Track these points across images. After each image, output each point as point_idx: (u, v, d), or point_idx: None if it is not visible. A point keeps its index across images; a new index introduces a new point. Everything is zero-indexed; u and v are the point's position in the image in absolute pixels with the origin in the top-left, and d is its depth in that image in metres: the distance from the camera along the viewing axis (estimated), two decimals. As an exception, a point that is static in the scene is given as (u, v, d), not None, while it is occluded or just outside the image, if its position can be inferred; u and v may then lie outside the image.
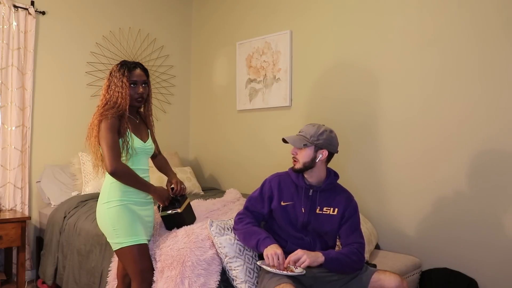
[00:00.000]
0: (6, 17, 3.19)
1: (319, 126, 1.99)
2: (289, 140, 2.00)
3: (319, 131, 1.96)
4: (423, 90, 2.70)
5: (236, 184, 3.76)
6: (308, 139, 1.96)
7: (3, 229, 2.83)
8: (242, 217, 2.04)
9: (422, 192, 2.70)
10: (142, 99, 2.04)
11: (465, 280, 2.44)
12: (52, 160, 3.46)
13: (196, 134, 4.41)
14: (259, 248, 1.89)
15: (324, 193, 2.01)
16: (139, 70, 2.03)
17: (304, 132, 1.99)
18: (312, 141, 1.95)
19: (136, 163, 2.02)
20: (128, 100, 1.97)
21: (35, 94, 3.39)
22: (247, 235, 1.95)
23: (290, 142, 1.99)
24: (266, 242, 1.88)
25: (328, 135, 1.97)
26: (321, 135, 1.95)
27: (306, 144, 1.95)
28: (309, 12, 3.34)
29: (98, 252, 2.44)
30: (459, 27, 2.55)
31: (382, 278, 1.84)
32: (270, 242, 1.88)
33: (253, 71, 3.73)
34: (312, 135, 1.95)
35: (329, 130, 2.00)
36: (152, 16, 4.15)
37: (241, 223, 2.00)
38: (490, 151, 2.43)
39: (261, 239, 1.89)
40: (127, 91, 1.96)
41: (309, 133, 1.97)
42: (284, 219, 2.00)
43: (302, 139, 1.97)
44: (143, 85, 2.03)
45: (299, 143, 1.97)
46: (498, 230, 2.40)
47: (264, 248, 1.86)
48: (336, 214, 1.99)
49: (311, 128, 1.98)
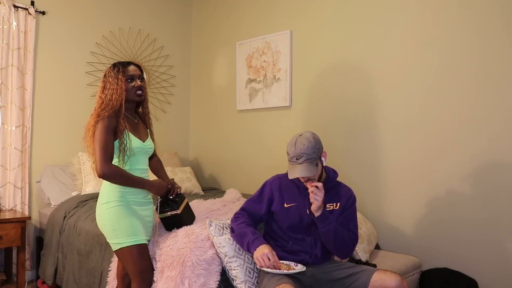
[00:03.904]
0: (6, 17, 3.19)
1: (308, 139, 1.91)
2: (301, 174, 1.87)
3: (313, 143, 1.90)
4: (423, 90, 2.70)
5: (236, 184, 3.76)
6: (314, 158, 1.89)
7: (3, 229, 2.83)
8: (238, 216, 2.05)
9: (422, 192, 2.70)
10: (142, 92, 2.04)
11: (465, 280, 2.44)
12: (52, 160, 3.46)
13: (196, 134, 4.41)
14: (250, 251, 1.90)
15: (326, 191, 2.00)
16: (134, 66, 2.05)
17: (305, 155, 1.88)
18: (316, 156, 1.91)
19: (135, 163, 2.02)
20: (124, 95, 1.96)
21: (35, 94, 3.40)
22: (239, 239, 1.96)
23: (306, 175, 1.87)
24: (255, 244, 1.88)
25: (318, 139, 1.95)
26: (316, 144, 1.92)
27: (317, 164, 1.91)
28: (309, 12, 3.34)
29: (98, 252, 2.44)
30: (459, 27, 2.55)
31: (383, 277, 1.83)
32: (258, 243, 1.88)
33: (253, 71, 3.73)
34: (313, 151, 1.89)
35: (313, 134, 1.96)
36: (152, 16, 4.16)
37: (235, 222, 2.01)
38: (490, 151, 2.43)
39: (250, 242, 1.90)
40: (123, 87, 1.96)
41: (310, 153, 1.88)
42: (287, 221, 1.99)
43: (311, 163, 1.88)
44: (140, 79, 2.03)
45: (313, 169, 1.88)
46: (498, 230, 2.40)
47: (254, 251, 1.87)
48: (338, 208, 2.01)
49: (306, 147, 1.88)
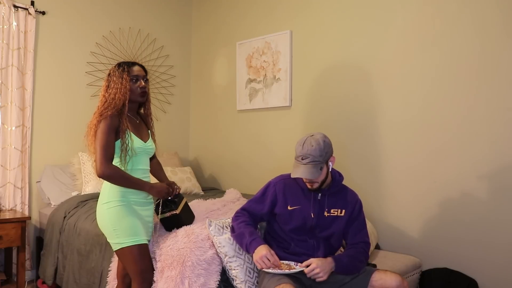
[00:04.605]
0: (6, 17, 3.19)
1: (317, 141, 1.86)
2: (303, 175, 1.83)
3: (322, 146, 1.85)
4: (424, 90, 2.70)
5: (236, 184, 3.76)
6: (320, 161, 1.84)
7: (3, 229, 2.83)
8: (238, 215, 2.04)
9: (422, 192, 2.70)
10: (145, 93, 2.05)
11: (465, 280, 2.44)
12: (52, 160, 3.46)
13: (196, 134, 4.41)
14: (249, 253, 1.90)
15: (332, 195, 1.99)
16: (138, 67, 2.06)
17: (310, 156, 1.83)
18: (323, 159, 1.85)
19: (136, 163, 2.02)
20: (128, 95, 1.97)
21: (35, 94, 3.39)
22: (238, 239, 1.95)
23: (307, 177, 1.83)
24: (253, 246, 1.87)
25: (328, 142, 1.90)
26: (325, 148, 1.86)
27: (321, 167, 1.85)
28: (309, 12, 3.34)
29: (98, 252, 2.44)
30: (459, 26, 2.55)
31: (383, 277, 1.83)
32: (256, 244, 1.87)
33: (253, 71, 3.73)
34: (320, 155, 1.83)
35: (324, 136, 1.91)
36: (152, 16, 4.15)
37: (236, 222, 2.01)
38: (490, 151, 2.43)
39: (248, 244, 1.89)
40: (127, 86, 1.97)
41: (316, 155, 1.83)
42: (290, 223, 1.98)
43: (315, 166, 1.83)
44: (144, 80, 2.04)
45: (316, 172, 1.83)
46: (498, 230, 2.40)
47: (253, 253, 1.87)
48: (344, 215, 1.98)
49: (313, 149, 1.83)
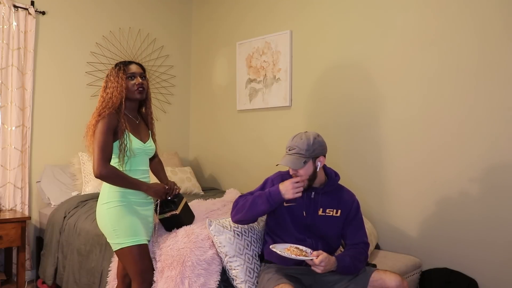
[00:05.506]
0: (6, 17, 3.19)
1: (307, 136, 1.90)
2: (285, 163, 1.88)
3: (311, 142, 1.88)
4: (424, 89, 2.70)
5: (236, 184, 3.76)
6: (304, 155, 1.87)
7: (3, 229, 2.83)
8: (241, 196, 2.04)
9: (422, 192, 2.70)
10: (143, 89, 2.03)
11: (465, 280, 2.44)
12: (52, 160, 3.46)
13: (196, 134, 4.41)
14: (277, 197, 1.86)
15: (327, 194, 1.99)
16: (135, 64, 2.07)
17: (296, 148, 1.89)
18: (309, 155, 1.88)
19: (135, 164, 2.02)
20: (124, 93, 1.98)
21: (35, 94, 3.39)
22: (253, 206, 1.91)
23: (289, 165, 1.88)
24: (273, 189, 1.88)
25: (319, 141, 1.92)
26: (313, 145, 1.89)
27: (305, 161, 1.88)
28: (309, 12, 3.34)
29: (98, 252, 2.44)
30: (460, 26, 2.55)
31: (383, 277, 1.83)
32: (273, 187, 1.89)
33: (253, 71, 3.73)
34: (307, 149, 1.87)
35: (316, 135, 1.93)
36: (152, 16, 4.15)
37: (240, 200, 2.00)
38: (490, 151, 2.43)
39: (268, 194, 1.88)
40: (123, 84, 1.98)
41: (302, 148, 1.87)
42: (287, 220, 1.98)
43: (299, 158, 1.87)
44: (141, 77, 2.04)
45: (298, 163, 1.87)
46: (498, 230, 2.40)
47: (276, 193, 1.85)
48: (340, 216, 1.98)
49: (301, 142, 1.89)
